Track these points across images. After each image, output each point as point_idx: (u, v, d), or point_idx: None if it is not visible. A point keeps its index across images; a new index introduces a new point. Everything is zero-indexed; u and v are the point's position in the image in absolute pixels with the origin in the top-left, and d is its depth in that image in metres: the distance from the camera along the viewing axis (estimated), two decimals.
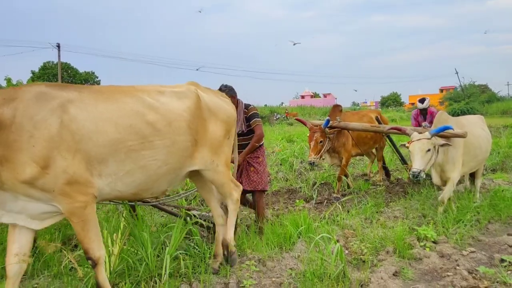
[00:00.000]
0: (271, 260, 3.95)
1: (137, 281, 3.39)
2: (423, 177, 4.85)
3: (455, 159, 5.21)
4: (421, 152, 4.83)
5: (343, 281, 3.33)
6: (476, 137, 5.60)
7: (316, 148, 6.21)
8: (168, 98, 3.18)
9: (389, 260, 3.87)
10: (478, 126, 5.95)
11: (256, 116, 4.66)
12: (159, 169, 3.04)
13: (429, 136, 4.89)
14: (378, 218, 5.23)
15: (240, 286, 3.37)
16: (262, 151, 4.80)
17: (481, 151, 5.69)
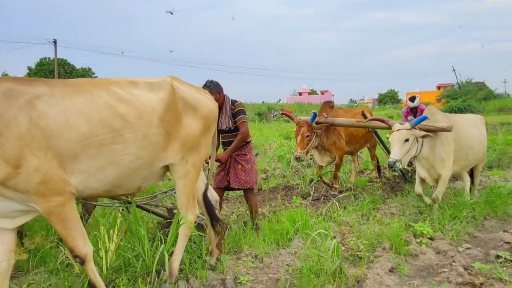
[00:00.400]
0: (268, 256, 3.96)
1: (134, 277, 3.39)
2: (399, 167, 4.83)
3: (444, 156, 5.12)
4: (399, 142, 4.78)
5: (339, 277, 3.35)
6: (469, 136, 5.49)
7: (302, 142, 6.08)
8: (140, 90, 3.06)
9: (385, 256, 3.89)
10: (473, 125, 5.80)
11: (242, 112, 4.54)
12: (131, 163, 2.92)
13: (409, 126, 4.84)
14: (374, 215, 5.24)
15: (237, 282, 3.38)
16: (249, 148, 4.71)
17: (472, 151, 5.54)
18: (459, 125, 5.34)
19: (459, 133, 5.25)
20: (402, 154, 4.77)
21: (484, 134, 5.94)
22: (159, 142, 3.07)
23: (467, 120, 5.83)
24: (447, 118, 5.32)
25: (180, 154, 3.24)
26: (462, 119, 5.79)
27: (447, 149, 5.12)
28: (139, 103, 2.98)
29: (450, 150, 5.14)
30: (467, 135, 5.43)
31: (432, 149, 5.10)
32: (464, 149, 5.37)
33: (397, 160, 4.72)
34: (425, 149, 5.04)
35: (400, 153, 4.77)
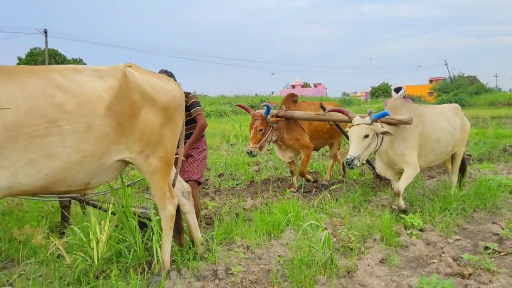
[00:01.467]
0: (260, 247, 3.98)
1: (126, 268, 3.39)
2: (357, 165, 4.57)
3: (404, 150, 4.84)
4: (358, 138, 4.53)
5: (330, 268, 3.37)
6: (435, 129, 5.13)
7: (255, 136, 5.76)
8: (85, 77, 2.78)
9: (376, 247, 3.92)
10: (442, 117, 5.38)
11: (197, 104, 4.31)
12: (69, 157, 2.66)
13: (369, 121, 4.57)
14: (366, 207, 5.28)
15: (228, 273, 3.39)
16: (203, 142, 4.50)
17: (439, 144, 5.18)
18: (426, 117, 5.11)
19: (425, 125, 4.99)
20: (361, 151, 4.54)
21: (455, 125, 5.48)
22: (107, 135, 2.81)
23: (436, 112, 5.43)
24: (413, 111, 5.02)
25: (137, 148, 3.00)
26: (432, 110, 5.43)
27: (409, 143, 4.84)
28: (81, 91, 2.71)
29: (412, 144, 4.85)
30: (433, 128, 5.11)
31: (392, 143, 4.85)
32: (430, 143, 5.08)
33: (356, 157, 4.49)
34: (385, 144, 4.81)
35: (359, 149, 4.53)
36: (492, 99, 37.24)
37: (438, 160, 5.52)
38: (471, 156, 9.12)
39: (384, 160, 4.98)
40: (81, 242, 3.54)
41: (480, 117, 21.15)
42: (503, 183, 6.07)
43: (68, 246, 3.60)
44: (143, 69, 3.20)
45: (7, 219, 4.47)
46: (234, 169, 8.28)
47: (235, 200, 5.94)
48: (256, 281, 3.30)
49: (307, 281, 3.14)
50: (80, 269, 3.19)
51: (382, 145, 4.78)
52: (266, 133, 5.86)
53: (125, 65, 3.05)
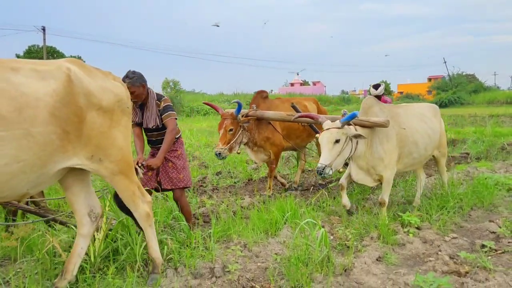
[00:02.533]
0: (257, 245, 3.98)
1: (122, 265, 3.39)
2: (330, 174, 4.13)
3: (383, 154, 4.51)
4: (329, 144, 4.13)
5: (327, 265, 3.37)
6: (412, 130, 4.77)
7: (224, 137, 5.33)
8: (24, 78, 2.48)
9: (373, 245, 3.93)
10: (418, 117, 4.99)
11: (170, 108, 4.06)
12: (7, 167, 2.39)
13: (339, 125, 4.20)
14: (363, 205, 5.28)
15: (225, 270, 3.39)
16: (180, 143, 4.28)
17: (416, 147, 4.81)
18: (401, 117, 4.76)
19: (401, 126, 4.67)
20: (333, 157, 4.13)
21: (433, 126, 5.10)
22: (51, 142, 2.56)
23: (411, 112, 5.03)
24: (388, 110, 4.68)
25: (86, 153, 2.80)
26: (406, 110, 5.02)
27: (387, 147, 4.53)
28: (19, 94, 2.42)
29: (391, 147, 4.55)
30: (410, 129, 4.76)
31: (369, 147, 4.52)
32: (407, 146, 4.72)
33: (327, 165, 4.07)
34: (361, 148, 4.46)
35: (330, 156, 4.12)
36: (490, 98, 37.26)
37: (417, 164, 5.14)
38: (469, 155, 9.14)
39: (362, 166, 4.59)
40: None
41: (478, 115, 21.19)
42: (500, 182, 6.08)
43: (65, 243, 3.59)
44: (88, 66, 2.95)
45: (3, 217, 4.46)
46: (232, 167, 8.28)
47: (232, 198, 5.94)
48: (253, 279, 3.31)
49: (304, 279, 3.15)
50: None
51: (357, 149, 4.43)
52: (237, 134, 5.44)
53: (68, 61, 2.79)
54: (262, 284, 3.17)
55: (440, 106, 37.14)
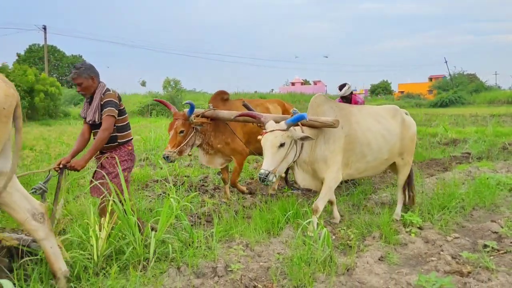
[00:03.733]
0: (259, 245, 3.99)
1: (125, 265, 3.39)
2: (273, 181, 3.74)
3: (328, 156, 4.15)
4: (272, 148, 3.74)
5: (329, 265, 3.38)
6: (363, 130, 4.36)
7: (174, 139, 4.87)
8: None
9: (375, 245, 3.93)
10: (373, 118, 4.56)
11: (110, 104, 3.66)
12: None
13: (284, 126, 3.80)
14: (365, 205, 5.29)
15: (228, 270, 3.40)
16: (123, 151, 3.87)
17: (370, 150, 4.39)
18: (354, 117, 4.39)
19: (351, 126, 4.27)
20: (276, 163, 3.75)
21: (390, 128, 4.59)
22: None
23: (366, 112, 4.62)
24: (339, 110, 4.31)
25: None
26: (361, 110, 4.61)
27: (333, 148, 4.15)
28: None
29: (336, 149, 4.17)
30: (361, 129, 4.35)
31: (313, 148, 4.16)
32: (359, 147, 4.33)
33: (270, 171, 3.69)
34: (305, 151, 4.11)
35: (274, 161, 3.74)
36: (491, 97, 37.25)
37: (373, 169, 4.66)
38: (470, 155, 9.14)
39: (307, 171, 4.23)
40: (80, 240, 3.55)
41: (479, 115, 21.16)
42: (502, 181, 6.08)
43: (68, 243, 3.60)
44: None
45: (7, 216, 4.46)
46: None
47: (234, 198, 5.95)
48: (255, 278, 3.31)
49: (306, 279, 3.15)
50: (79, 266, 3.19)
51: (302, 152, 4.07)
52: (188, 136, 4.98)
53: None
54: (265, 284, 3.17)
55: (441, 105, 37.47)
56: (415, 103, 41.05)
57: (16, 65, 24.20)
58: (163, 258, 3.60)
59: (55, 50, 52.59)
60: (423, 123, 17.93)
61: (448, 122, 17.52)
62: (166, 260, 3.57)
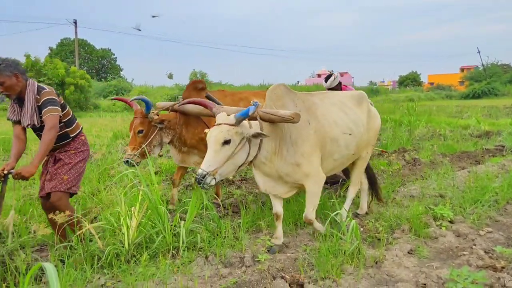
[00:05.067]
0: (286, 236, 3.99)
1: (155, 253, 3.47)
2: (212, 184, 3.11)
3: (300, 158, 3.51)
4: (215, 145, 3.12)
5: (357, 257, 3.35)
6: (330, 124, 3.77)
7: (134, 141, 4.29)
8: None
9: (404, 238, 3.88)
10: (338, 107, 3.98)
11: (50, 103, 3.33)
12: None
13: (233, 120, 3.21)
14: (393, 197, 5.20)
15: (255, 260, 3.42)
16: (78, 143, 3.65)
17: (337, 145, 3.82)
18: (318, 109, 3.77)
19: (318, 120, 3.69)
20: (218, 163, 3.12)
21: (356, 119, 4.06)
22: None
23: (329, 101, 3.99)
24: (301, 102, 3.71)
25: None
26: (324, 100, 3.96)
27: (305, 148, 3.53)
28: None
29: (309, 149, 3.54)
30: (328, 123, 3.77)
31: (278, 150, 3.51)
32: (328, 145, 3.74)
33: (209, 172, 3.06)
34: (266, 151, 3.46)
35: (215, 161, 3.11)
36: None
37: (339, 167, 4.16)
38: (504, 147, 8.84)
39: (271, 174, 3.59)
40: (112, 228, 3.65)
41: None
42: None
43: (100, 231, 3.70)
44: None
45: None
46: None
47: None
48: (282, 269, 3.32)
49: (334, 270, 3.14)
50: (112, 254, 3.28)
51: (261, 153, 3.44)
52: (150, 135, 4.37)
53: None
54: (292, 274, 3.17)
55: (473, 97, 36.39)
56: (445, 95, 39.98)
57: (47, 59, 24.86)
58: (191, 247, 3.65)
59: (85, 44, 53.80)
60: (454, 115, 17.46)
61: (480, 114, 16.99)
62: (195, 249, 3.63)
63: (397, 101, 29.09)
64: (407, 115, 12.84)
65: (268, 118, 3.36)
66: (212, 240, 3.74)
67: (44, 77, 22.99)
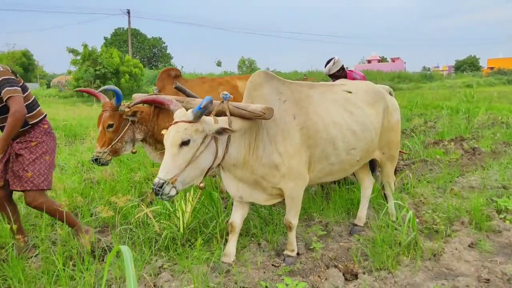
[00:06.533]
0: (338, 225, 3.95)
1: (209, 238, 3.54)
2: (172, 195, 2.59)
3: (277, 159, 2.97)
4: (173, 148, 2.60)
5: (414, 249, 3.25)
6: (327, 126, 3.17)
7: (103, 136, 3.82)
8: None
9: (464, 231, 3.71)
10: (341, 104, 3.36)
11: (7, 83, 2.97)
12: None
13: (191, 117, 2.64)
14: (451, 188, 4.98)
15: (308, 248, 3.41)
16: (39, 132, 3.24)
17: (334, 148, 3.21)
18: (313, 104, 3.18)
19: (309, 117, 3.09)
20: (177, 169, 2.59)
21: (365, 120, 3.42)
22: None
23: (332, 96, 3.37)
24: (289, 92, 3.11)
25: None
26: (325, 93, 3.35)
27: (285, 147, 2.97)
28: None
29: (291, 149, 2.99)
30: (324, 123, 3.16)
31: (253, 149, 2.97)
32: (320, 145, 3.15)
33: (167, 180, 2.55)
34: (236, 151, 2.92)
35: (173, 167, 2.59)
36: None
37: (341, 172, 3.49)
38: None
39: (244, 177, 3.05)
40: (167, 212, 3.76)
41: None
42: None
43: (156, 214, 3.83)
44: None
45: (102, 188, 4.86)
46: None
47: None
48: (335, 258, 3.29)
49: (390, 262, 3.06)
50: (169, 237, 3.39)
51: (230, 152, 2.88)
52: (121, 130, 3.88)
53: None
54: (346, 264, 3.13)
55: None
56: (506, 80, 37.55)
57: (103, 48, 25.89)
58: (243, 233, 3.70)
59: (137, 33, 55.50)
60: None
61: None
62: (247, 235, 3.67)
63: (453, 87, 27.72)
64: (465, 102, 12.21)
65: (239, 113, 2.87)
66: (264, 227, 3.77)
67: (100, 65, 23.98)
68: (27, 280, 2.77)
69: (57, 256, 2.88)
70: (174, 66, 44.72)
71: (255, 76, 3.09)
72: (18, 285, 2.75)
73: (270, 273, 3.03)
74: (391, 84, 31.85)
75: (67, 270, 2.87)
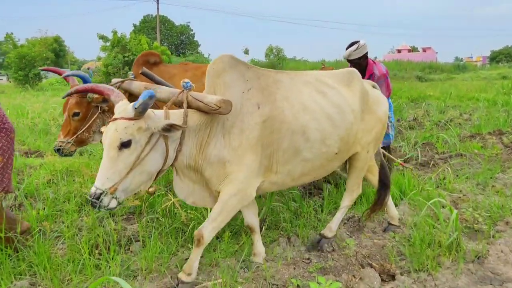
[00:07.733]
0: (371, 220, 3.76)
1: (237, 230, 3.42)
2: (112, 207, 2.22)
3: (226, 155, 2.50)
4: (110, 150, 2.20)
5: (456, 250, 3.03)
6: (297, 112, 2.69)
7: (68, 125, 3.42)
8: None
9: (509, 232, 3.45)
10: (315, 88, 2.87)
11: None
12: None
13: (131, 113, 2.23)
14: (493, 185, 4.69)
15: (340, 244, 3.25)
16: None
17: (307, 141, 2.71)
18: (281, 89, 2.72)
19: (275, 104, 2.64)
20: (119, 176, 2.21)
21: (341, 102, 2.90)
22: None
23: (303, 79, 2.90)
24: (255, 78, 2.66)
25: None
26: (294, 78, 2.87)
27: (239, 141, 2.51)
28: None
29: (244, 142, 2.51)
30: (293, 109, 2.69)
31: (203, 146, 2.52)
32: (288, 138, 2.65)
33: (105, 190, 2.17)
34: (189, 148, 2.49)
35: (113, 173, 2.20)
36: None
37: (316, 172, 2.94)
38: None
39: (197, 179, 2.63)
40: None
41: None
42: None
43: (183, 204, 3.74)
44: None
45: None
46: None
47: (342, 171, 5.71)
48: (369, 256, 3.12)
49: (429, 263, 2.86)
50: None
51: (183, 152, 2.47)
52: (89, 119, 3.47)
53: None
54: (381, 263, 2.96)
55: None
56: None
57: (132, 35, 26.05)
58: (273, 226, 3.57)
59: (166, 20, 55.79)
60: None
61: None
62: (276, 229, 3.54)
63: (488, 79, 26.64)
64: (502, 94, 11.66)
65: (196, 105, 2.46)
66: (294, 220, 3.62)
67: (128, 52, 24.16)
68: (53, 268, 2.72)
69: (83, 244, 2.82)
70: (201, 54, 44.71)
71: (218, 61, 2.63)
72: (43, 272, 2.70)
73: (300, 270, 2.89)
74: (422, 75, 30.94)
75: (92, 259, 2.80)
